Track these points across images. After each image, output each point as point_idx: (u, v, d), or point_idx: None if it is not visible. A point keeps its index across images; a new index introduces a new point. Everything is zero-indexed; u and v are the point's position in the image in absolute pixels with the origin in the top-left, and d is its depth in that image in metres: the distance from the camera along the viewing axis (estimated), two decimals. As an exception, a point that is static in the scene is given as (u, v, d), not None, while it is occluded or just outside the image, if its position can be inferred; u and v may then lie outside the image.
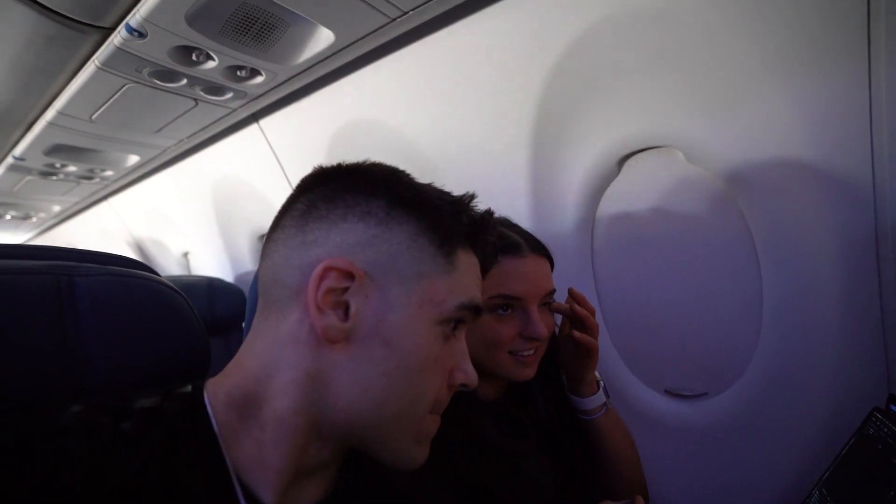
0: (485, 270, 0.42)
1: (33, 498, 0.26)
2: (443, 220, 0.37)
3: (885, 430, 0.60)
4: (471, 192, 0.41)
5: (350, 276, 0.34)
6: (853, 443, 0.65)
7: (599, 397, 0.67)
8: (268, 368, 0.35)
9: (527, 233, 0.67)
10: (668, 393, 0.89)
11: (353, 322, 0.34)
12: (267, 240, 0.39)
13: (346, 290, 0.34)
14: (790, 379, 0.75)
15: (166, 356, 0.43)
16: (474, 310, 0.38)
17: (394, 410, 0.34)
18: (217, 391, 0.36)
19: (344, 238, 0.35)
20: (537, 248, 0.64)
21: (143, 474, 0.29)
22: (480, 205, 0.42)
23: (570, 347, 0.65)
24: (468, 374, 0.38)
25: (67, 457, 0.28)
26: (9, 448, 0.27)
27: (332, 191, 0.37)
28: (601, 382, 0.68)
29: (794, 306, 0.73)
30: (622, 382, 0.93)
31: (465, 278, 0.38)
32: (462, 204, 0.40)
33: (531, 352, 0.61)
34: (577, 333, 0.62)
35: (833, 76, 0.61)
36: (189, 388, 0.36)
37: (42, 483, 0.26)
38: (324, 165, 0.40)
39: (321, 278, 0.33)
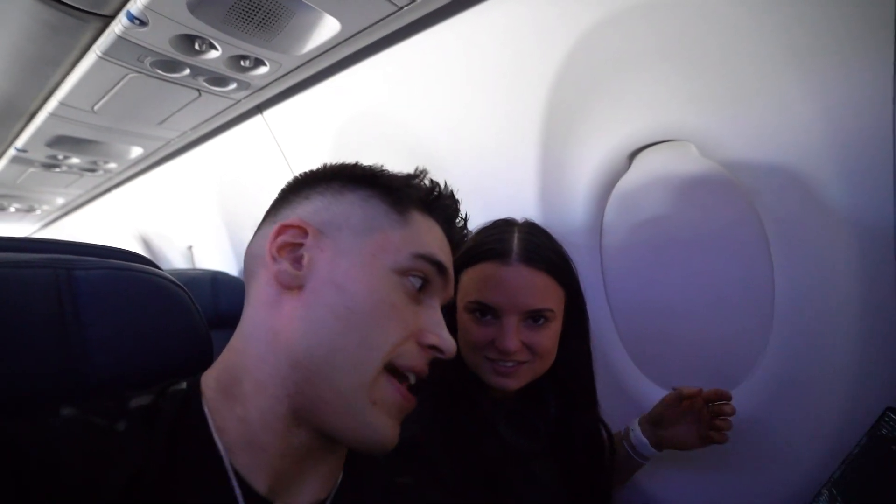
0: (450, 239, 0.42)
1: (24, 502, 0.25)
2: (394, 185, 0.40)
3: (901, 431, 0.59)
4: (422, 167, 0.43)
5: (304, 232, 0.37)
6: (864, 443, 0.64)
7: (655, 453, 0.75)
8: (247, 341, 0.37)
9: (540, 243, 0.61)
10: (676, 391, 0.89)
11: (306, 270, 0.36)
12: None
13: (301, 245, 0.37)
14: (800, 378, 0.74)
15: (169, 350, 0.42)
16: (436, 265, 0.38)
17: (346, 356, 0.34)
18: (208, 380, 0.37)
19: (304, 209, 0.39)
20: (534, 259, 0.58)
21: (142, 474, 0.29)
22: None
23: (693, 422, 0.72)
24: (442, 339, 0.37)
25: (60, 460, 0.27)
26: None
27: (299, 185, 0.42)
28: None
29: (806, 304, 0.72)
30: (631, 381, 0.92)
31: (421, 234, 0.39)
32: (414, 176, 0.42)
33: (510, 364, 0.58)
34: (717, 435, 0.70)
35: (853, 68, 0.59)
36: (184, 384, 0.36)
37: (34, 487, 0.26)
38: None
39: (277, 234, 0.37)
